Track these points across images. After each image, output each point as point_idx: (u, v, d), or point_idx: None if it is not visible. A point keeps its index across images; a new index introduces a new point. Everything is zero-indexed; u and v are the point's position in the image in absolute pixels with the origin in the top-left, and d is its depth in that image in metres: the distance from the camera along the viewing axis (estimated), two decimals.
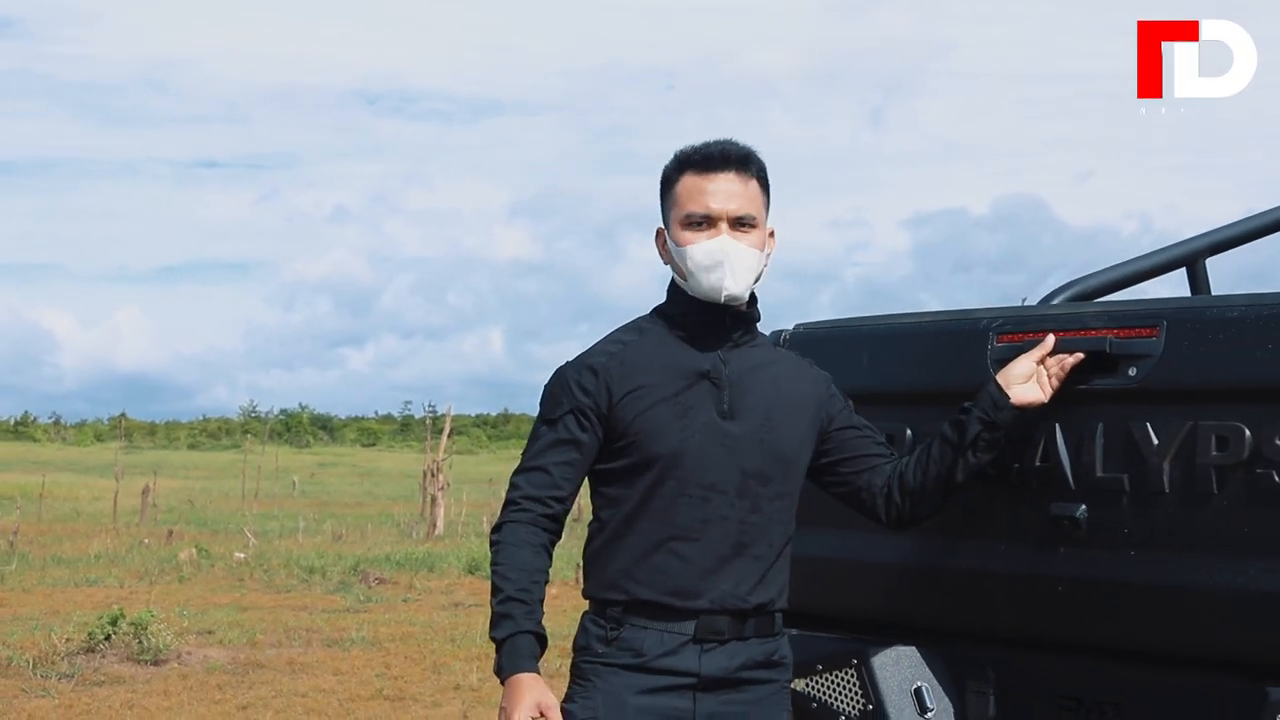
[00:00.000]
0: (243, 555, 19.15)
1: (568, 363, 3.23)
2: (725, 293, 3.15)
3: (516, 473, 3.19)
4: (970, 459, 3.24)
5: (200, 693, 9.54)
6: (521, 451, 3.24)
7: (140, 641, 10.53)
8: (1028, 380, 3.25)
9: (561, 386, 3.18)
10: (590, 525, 3.23)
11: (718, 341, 3.20)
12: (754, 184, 3.23)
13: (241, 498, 34.89)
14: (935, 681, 3.56)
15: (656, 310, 3.30)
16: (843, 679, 3.62)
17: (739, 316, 3.23)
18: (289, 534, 23.48)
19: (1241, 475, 3.08)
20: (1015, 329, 3.42)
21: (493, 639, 3.08)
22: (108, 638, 10.59)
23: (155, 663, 10.40)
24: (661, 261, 3.28)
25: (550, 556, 3.16)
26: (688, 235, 3.17)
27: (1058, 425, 3.34)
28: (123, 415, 78.97)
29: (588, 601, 3.23)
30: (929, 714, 3.53)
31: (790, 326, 3.96)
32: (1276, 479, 3.04)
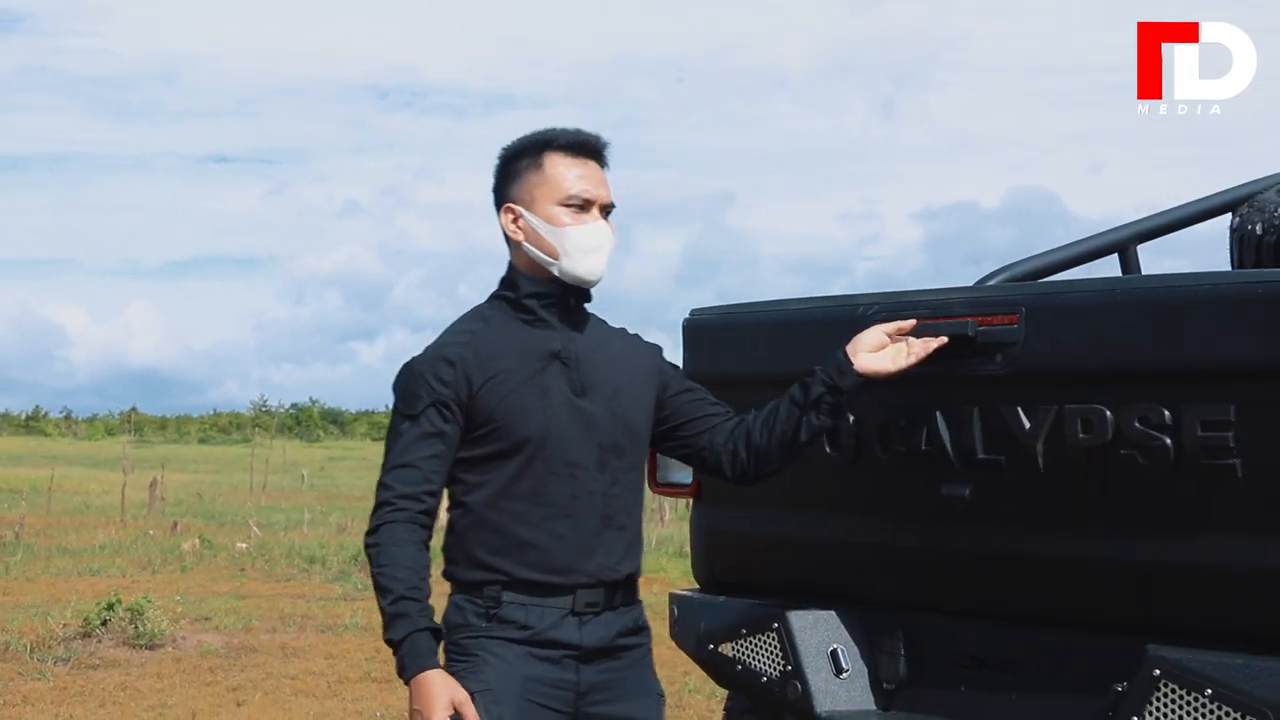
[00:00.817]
0: (245, 545, 19.34)
1: (417, 357, 3.26)
2: (598, 275, 3.27)
3: (385, 471, 3.19)
4: (813, 420, 3.34)
5: (193, 675, 9.75)
6: (385, 448, 3.23)
7: (136, 627, 10.73)
8: (876, 350, 3.37)
9: (418, 380, 3.20)
10: (451, 511, 3.26)
11: (562, 322, 3.29)
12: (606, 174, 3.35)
13: (250, 491, 35.07)
14: (851, 643, 3.77)
15: (495, 296, 3.35)
16: (764, 641, 3.82)
17: (581, 296, 3.33)
18: (294, 526, 23.64)
19: (1107, 455, 3.28)
20: (890, 314, 3.58)
21: (389, 640, 3.10)
22: (104, 623, 10.79)
23: (150, 647, 10.60)
24: (510, 238, 3.32)
25: (429, 552, 3.19)
26: (566, 217, 3.25)
27: (938, 411, 3.53)
28: (133, 410, 79.37)
29: (451, 584, 3.26)
30: (844, 674, 3.74)
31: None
32: (1140, 459, 3.24)
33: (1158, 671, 3.13)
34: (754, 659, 3.84)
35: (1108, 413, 3.26)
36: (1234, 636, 3.11)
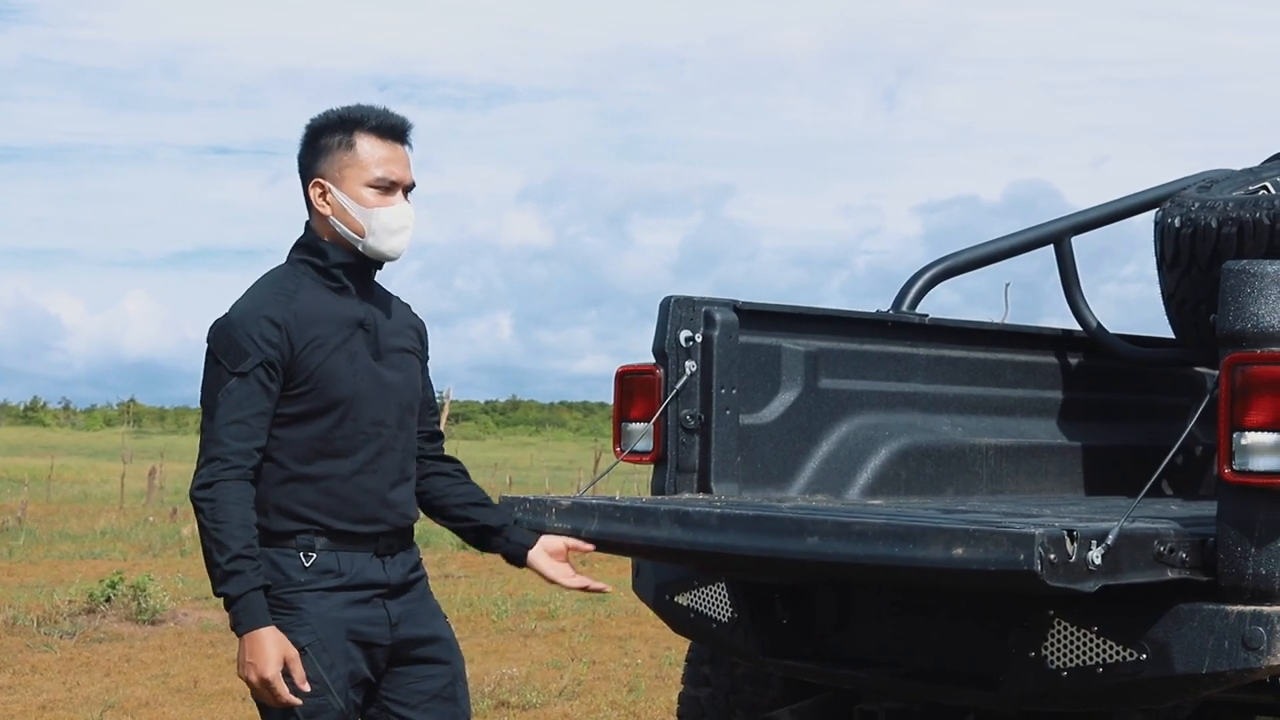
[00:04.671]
0: None
1: (238, 315, 3.37)
2: (400, 253, 3.49)
3: (218, 427, 3.29)
4: (468, 536, 3.73)
5: (194, 648, 10.16)
6: (208, 403, 3.34)
7: (139, 603, 11.15)
8: (554, 555, 3.70)
9: (245, 338, 3.32)
10: (263, 466, 3.35)
11: (361, 291, 3.49)
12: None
13: None
14: (791, 592, 4.19)
15: (301, 260, 3.48)
16: (714, 592, 4.24)
17: (377, 268, 3.53)
18: None
19: None
20: None
21: (224, 594, 3.23)
22: (108, 599, 11.23)
23: (153, 623, 11.02)
24: (321, 211, 3.46)
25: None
26: (373, 197, 3.43)
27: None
28: (131, 400, 79.75)
29: (260, 534, 3.32)
30: (783, 620, 4.16)
31: None
32: None
33: (1052, 611, 3.56)
34: (705, 607, 4.26)
35: None
36: None
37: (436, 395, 3.86)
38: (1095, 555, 3.10)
